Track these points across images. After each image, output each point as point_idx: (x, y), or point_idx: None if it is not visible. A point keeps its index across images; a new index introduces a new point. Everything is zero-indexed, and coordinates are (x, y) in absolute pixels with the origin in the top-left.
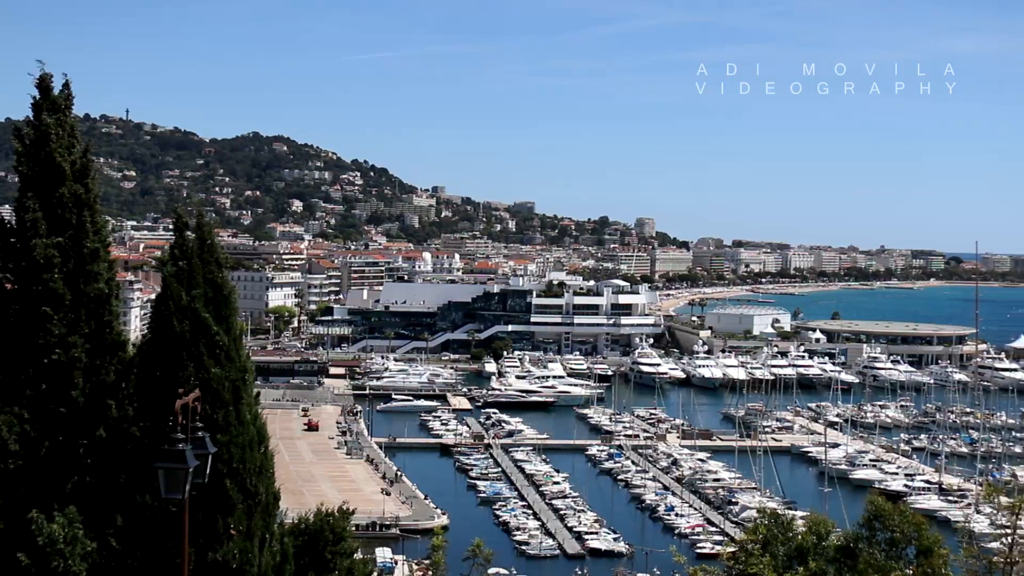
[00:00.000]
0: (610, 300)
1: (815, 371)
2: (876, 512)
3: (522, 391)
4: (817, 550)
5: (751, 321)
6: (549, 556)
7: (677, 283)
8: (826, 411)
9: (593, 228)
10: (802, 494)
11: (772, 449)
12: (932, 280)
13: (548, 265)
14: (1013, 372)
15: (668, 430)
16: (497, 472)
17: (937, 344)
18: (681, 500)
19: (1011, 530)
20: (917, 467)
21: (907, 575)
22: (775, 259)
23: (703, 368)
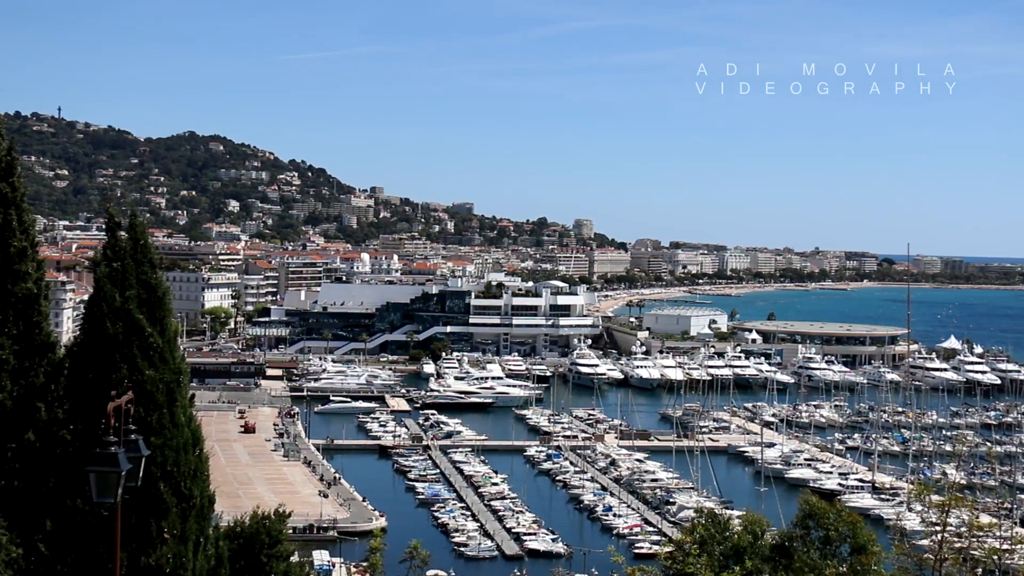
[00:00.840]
0: (549, 301)
1: (751, 371)
2: (810, 511)
3: (461, 392)
4: (753, 549)
5: (688, 322)
6: (487, 557)
7: (615, 284)
8: (762, 411)
9: (532, 229)
10: (739, 493)
11: (709, 449)
12: (865, 281)
13: (487, 266)
14: (943, 372)
15: (606, 431)
16: (436, 473)
17: (870, 344)
18: (619, 500)
19: (941, 527)
20: (851, 466)
21: (841, 573)
22: (712, 260)
23: (641, 369)
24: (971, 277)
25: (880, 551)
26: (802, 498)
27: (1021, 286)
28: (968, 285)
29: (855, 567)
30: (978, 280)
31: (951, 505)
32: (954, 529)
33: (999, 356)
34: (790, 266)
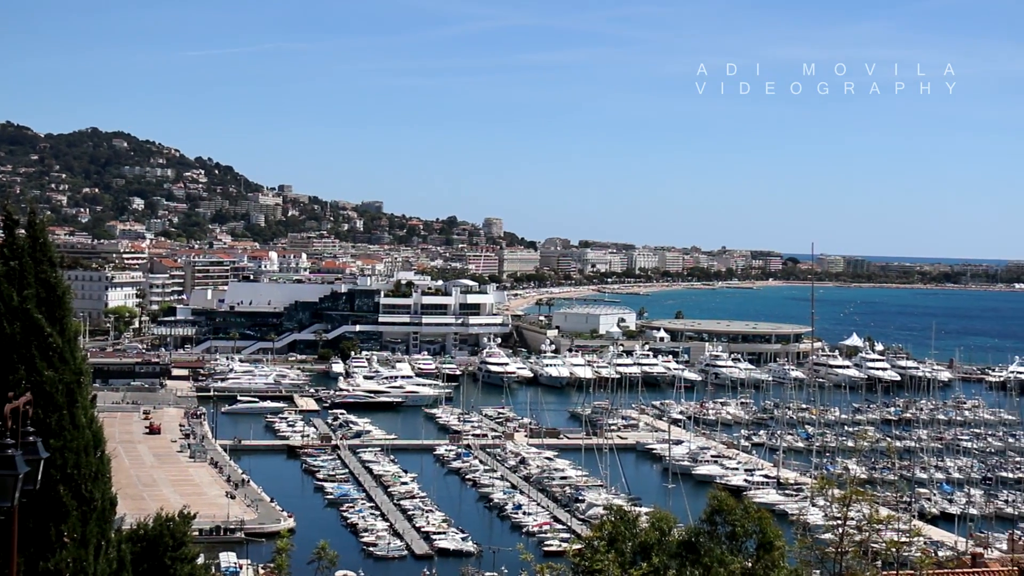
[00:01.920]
0: (458, 300)
1: (659, 369)
2: (718, 507)
3: (370, 391)
4: (660, 546)
5: (597, 321)
6: (397, 557)
7: (525, 283)
8: (670, 409)
9: (441, 228)
10: (647, 490)
11: (618, 447)
12: (771, 280)
13: (396, 265)
14: (845, 369)
15: (516, 429)
16: (344, 473)
17: (775, 342)
18: (529, 498)
19: (842, 520)
20: (757, 462)
21: (747, 568)
22: (621, 259)
23: (550, 367)
24: (872, 276)
25: (785, 545)
26: (711, 494)
27: (919, 285)
28: (869, 284)
29: (762, 562)
30: (879, 279)
31: (852, 499)
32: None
33: (899, 353)
34: (698, 265)
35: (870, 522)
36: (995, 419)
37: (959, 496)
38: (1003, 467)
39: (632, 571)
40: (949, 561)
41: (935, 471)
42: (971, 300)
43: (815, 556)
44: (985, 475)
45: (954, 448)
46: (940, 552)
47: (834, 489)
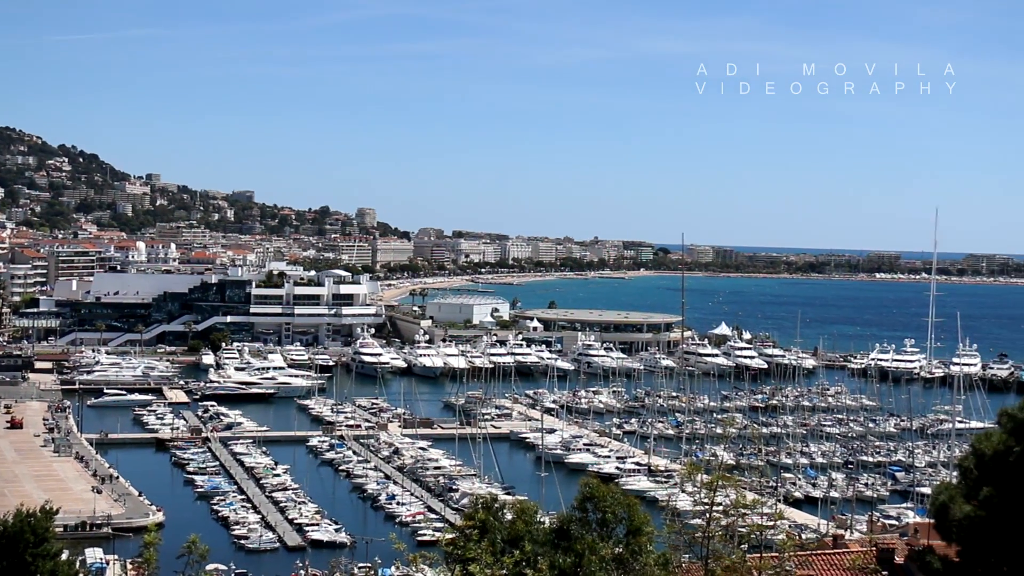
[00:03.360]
0: (331, 290)
1: (532, 359)
2: (590, 494)
3: (241, 383)
4: (529, 535)
5: (471, 311)
6: (269, 549)
7: (398, 273)
8: (543, 398)
9: (314, 218)
10: (520, 479)
11: (491, 436)
12: (642, 270)
13: (268, 255)
14: (714, 357)
15: (389, 419)
16: (215, 466)
17: (646, 331)
18: (402, 489)
19: (708, 505)
20: (628, 450)
21: (618, 553)
22: (494, 250)
23: (424, 357)
24: (741, 266)
25: (653, 530)
26: (583, 481)
27: (786, 274)
28: (738, 274)
29: (631, 547)
30: (747, 269)
31: (718, 485)
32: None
33: (766, 342)
34: (570, 255)
35: (736, 506)
36: (857, 405)
37: (822, 480)
38: (864, 451)
39: (505, 559)
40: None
41: (800, 456)
42: (834, 289)
43: (684, 541)
44: (847, 459)
45: (818, 433)
46: (804, 534)
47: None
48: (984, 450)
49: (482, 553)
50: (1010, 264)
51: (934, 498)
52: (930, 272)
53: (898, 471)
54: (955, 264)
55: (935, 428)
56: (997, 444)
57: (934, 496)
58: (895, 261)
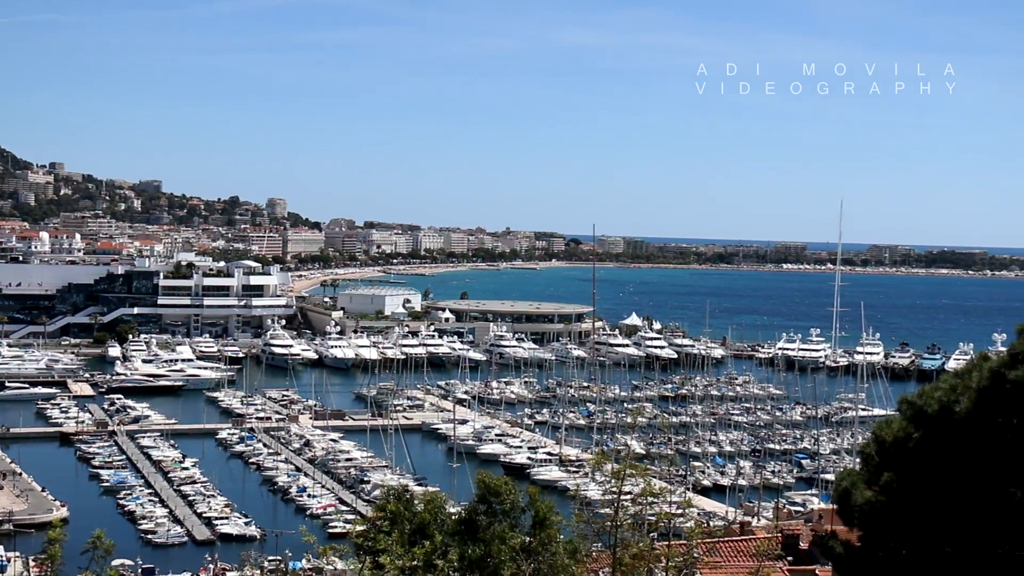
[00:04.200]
0: (241, 281)
1: (444, 350)
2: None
3: (149, 375)
4: (437, 525)
5: (383, 302)
6: (177, 543)
7: (310, 264)
8: (455, 388)
9: (223, 208)
10: (432, 470)
11: (403, 427)
12: (554, 261)
13: (176, 246)
14: (625, 348)
15: (300, 411)
16: (122, 460)
17: (558, 322)
18: (314, 481)
19: (617, 494)
20: (540, 440)
21: (526, 543)
22: (406, 241)
23: (335, 349)
24: (651, 256)
25: (560, 519)
26: (478, 479)
27: (696, 265)
28: (649, 264)
29: (539, 537)
30: (657, 259)
31: (626, 473)
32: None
33: (676, 332)
34: (482, 246)
35: (644, 495)
36: (764, 394)
37: (730, 468)
38: (771, 439)
39: (415, 550)
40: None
41: (708, 445)
42: (743, 280)
43: (592, 530)
44: (754, 447)
45: (726, 422)
46: (712, 522)
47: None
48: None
49: (392, 545)
50: (911, 255)
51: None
52: (835, 263)
53: (804, 458)
54: (859, 255)
55: (839, 416)
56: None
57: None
58: (801, 252)
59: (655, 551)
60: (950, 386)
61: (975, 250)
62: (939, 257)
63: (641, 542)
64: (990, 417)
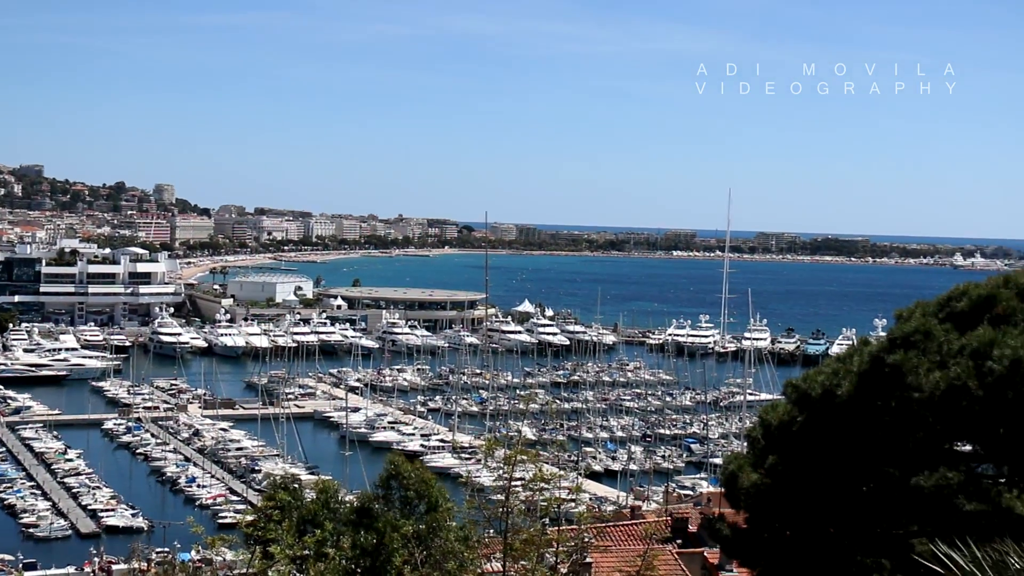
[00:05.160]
0: (128, 269)
1: (337, 337)
2: (394, 472)
3: (30, 365)
4: (329, 513)
5: (274, 289)
6: (60, 537)
7: (198, 251)
8: (347, 376)
9: (109, 194)
10: (324, 458)
11: (295, 415)
12: (447, 248)
13: (60, 232)
14: (518, 334)
15: (189, 400)
16: (2, 452)
17: (451, 309)
18: (203, 471)
19: (508, 479)
20: (433, 427)
21: (419, 529)
22: (297, 227)
23: (225, 337)
24: (544, 244)
25: (452, 506)
26: (388, 459)
27: (587, 252)
28: (541, 251)
29: (430, 523)
30: (550, 246)
31: (517, 459)
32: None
33: (568, 319)
34: (375, 233)
35: (535, 481)
36: (654, 380)
37: (621, 453)
38: (661, 425)
39: (306, 539)
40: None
41: (600, 430)
42: (634, 267)
43: (483, 516)
44: (645, 433)
45: (617, 408)
46: (603, 506)
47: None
48: (770, 420)
49: (283, 534)
50: (797, 242)
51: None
52: (724, 250)
53: (693, 443)
54: (747, 242)
55: (728, 401)
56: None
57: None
58: (691, 239)
59: (546, 536)
60: (832, 370)
61: (857, 238)
62: (823, 244)
63: (532, 527)
64: (870, 400)
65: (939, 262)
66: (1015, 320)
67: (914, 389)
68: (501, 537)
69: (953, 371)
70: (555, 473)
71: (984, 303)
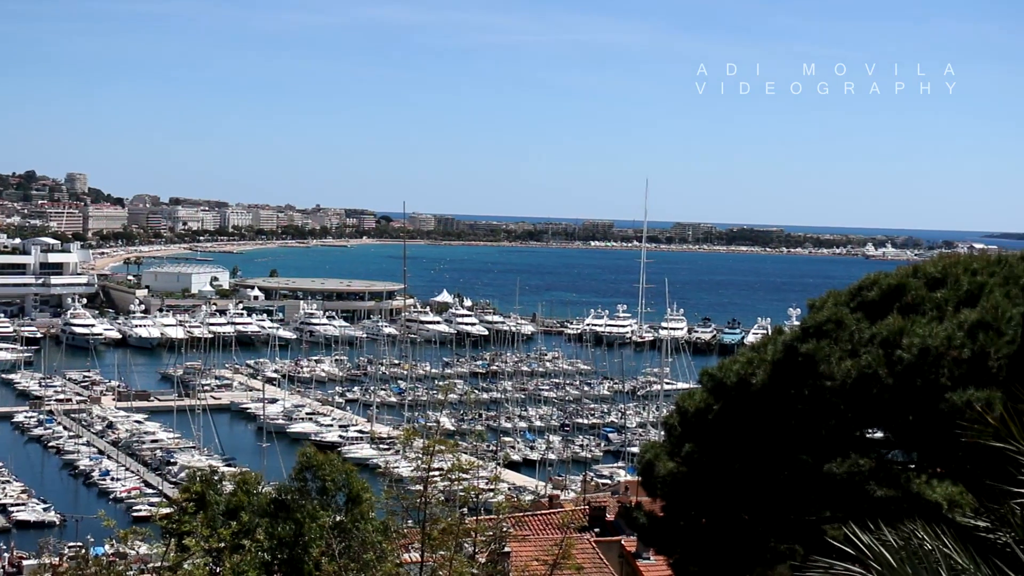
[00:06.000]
0: (39, 259)
1: (253, 328)
2: (308, 463)
3: None
4: (248, 505)
5: (189, 279)
6: None
7: (112, 241)
8: (264, 367)
9: (19, 183)
10: (242, 450)
11: (211, 407)
12: (365, 238)
13: None
14: (436, 325)
15: (103, 392)
16: None
17: (369, 300)
18: (117, 464)
19: (426, 470)
20: (351, 418)
21: (338, 520)
22: (214, 217)
23: (140, 328)
24: (462, 234)
25: (372, 497)
26: (301, 451)
27: (506, 242)
28: (459, 242)
29: (351, 514)
30: (468, 237)
31: (435, 449)
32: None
33: (486, 309)
34: (292, 223)
35: (453, 470)
36: (573, 369)
37: (540, 443)
38: (579, 414)
39: (222, 531)
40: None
41: (519, 420)
42: (552, 257)
43: (401, 506)
44: (563, 422)
45: (536, 398)
46: (522, 496)
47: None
48: (686, 409)
49: (198, 526)
50: (713, 232)
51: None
52: (641, 240)
53: (611, 432)
54: (664, 232)
55: (645, 390)
56: (698, 403)
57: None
58: (608, 229)
59: (464, 526)
60: (747, 359)
61: (772, 228)
62: (739, 235)
63: (450, 517)
64: (784, 388)
65: (851, 252)
66: (923, 309)
67: (826, 377)
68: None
69: (864, 359)
70: (473, 463)
71: (894, 292)
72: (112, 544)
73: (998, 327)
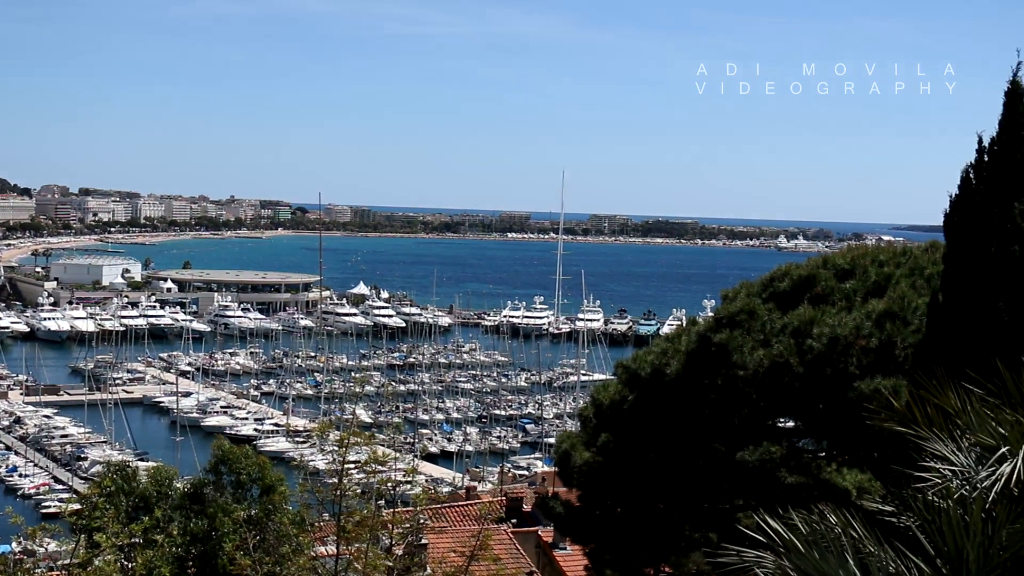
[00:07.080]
0: None
1: (167, 321)
2: (223, 456)
3: None
4: (161, 499)
5: (100, 271)
6: None
7: (19, 232)
8: (178, 360)
9: None
10: (154, 444)
11: (123, 401)
12: (280, 230)
13: None
14: (353, 317)
15: (10, 387)
16: None
17: (285, 292)
18: (26, 460)
19: (341, 462)
20: (267, 411)
21: (252, 515)
22: (125, 208)
23: (49, 321)
24: (379, 225)
25: (287, 490)
26: (215, 444)
27: (423, 234)
28: (376, 233)
29: (264, 507)
30: (385, 228)
31: (350, 442)
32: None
33: (403, 300)
34: (206, 214)
35: (369, 463)
36: (490, 361)
37: (457, 434)
38: (496, 406)
39: (133, 526)
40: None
41: (436, 412)
42: (469, 249)
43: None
44: (481, 414)
45: (453, 389)
46: (439, 488)
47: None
48: (602, 400)
49: (109, 521)
50: (629, 224)
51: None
52: (558, 232)
53: (528, 423)
54: (580, 224)
55: (562, 381)
56: (613, 394)
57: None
58: (525, 221)
59: (380, 518)
60: (661, 350)
61: (687, 220)
62: (654, 226)
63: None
64: (697, 378)
65: (764, 244)
66: (833, 299)
67: (739, 367)
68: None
69: (775, 349)
70: (390, 455)
71: (804, 283)
72: (20, 542)
73: (904, 317)
